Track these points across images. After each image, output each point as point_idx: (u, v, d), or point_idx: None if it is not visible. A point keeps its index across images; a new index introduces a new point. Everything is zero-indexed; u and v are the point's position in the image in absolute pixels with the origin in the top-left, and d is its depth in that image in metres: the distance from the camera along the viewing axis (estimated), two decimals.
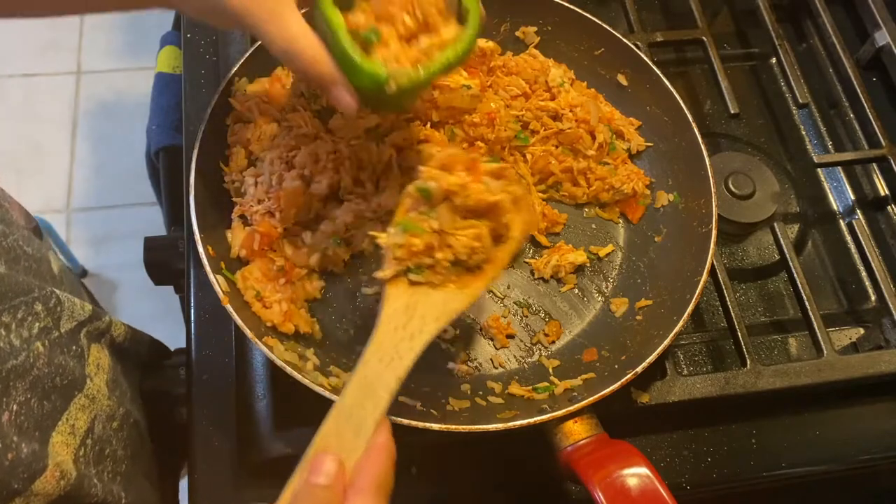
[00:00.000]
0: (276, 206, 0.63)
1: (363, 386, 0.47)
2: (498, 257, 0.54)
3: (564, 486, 0.61)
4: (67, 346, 0.57)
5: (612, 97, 0.73)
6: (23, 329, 0.52)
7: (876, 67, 0.85)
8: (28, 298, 0.54)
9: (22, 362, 0.51)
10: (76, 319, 0.59)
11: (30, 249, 0.61)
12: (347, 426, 0.45)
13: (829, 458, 0.65)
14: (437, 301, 0.51)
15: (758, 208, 0.73)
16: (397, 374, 0.48)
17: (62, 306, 0.57)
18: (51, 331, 0.55)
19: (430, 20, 0.52)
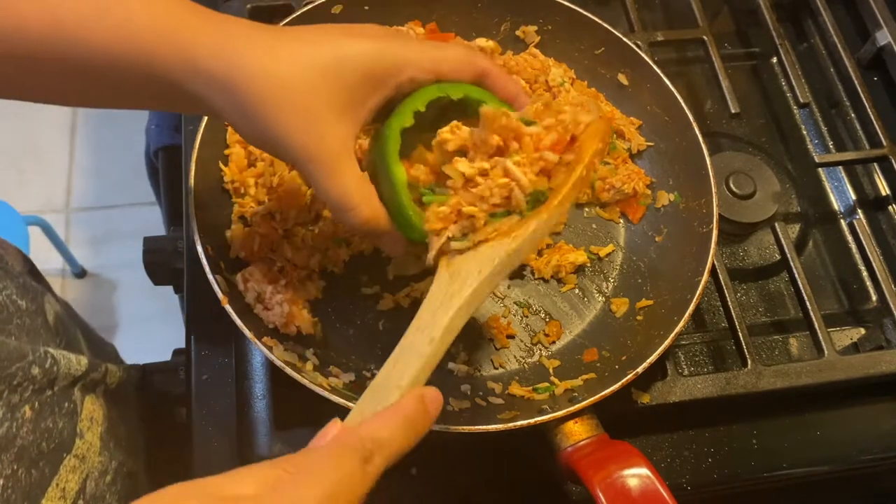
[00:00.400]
0: (277, 208, 0.62)
1: (395, 356, 0.45)
2: (560, 188, 0.48)
3: (565, 487, 0.61)
4: (59, 405, 0.55)
5: (613, 97, 0.73)
6: (14, 395, 0.50)
7: (877, 67, 0.85)
8: (24, 364, 0.51)
9: (4, 433, 0.48)
10: (72, 375, 0.57)
11: (23, 303, 0.59)
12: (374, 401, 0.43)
13: (830, 458, 0.65)
14: (481, 255, 0.47)
15: (758, 208, 0.73)
16: (431, 334, 0.44)
17: (58, 366, 0.55)
18: (43, 390, 0.53)
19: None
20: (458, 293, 0.46)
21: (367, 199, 0.48)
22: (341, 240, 0.63)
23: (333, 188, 0.46)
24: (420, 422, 0.42)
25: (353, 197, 0.47)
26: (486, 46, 0.72)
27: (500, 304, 0.66)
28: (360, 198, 0.47)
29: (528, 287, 0.67)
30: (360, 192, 0.47)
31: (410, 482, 0.61)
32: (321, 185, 0.46)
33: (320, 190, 0.47)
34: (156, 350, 0.84)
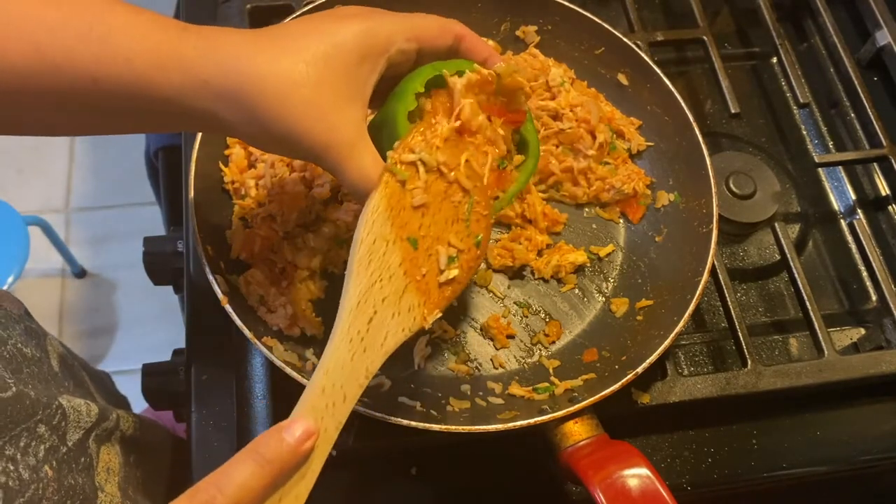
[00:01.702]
0: (278, 210, 0.62)
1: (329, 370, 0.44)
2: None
3: (564, 487, 0.61)
4: (76, 460, 0.55)
5: (613, 97, 0.73)
6: (28, 457, 0.50)
7: (877, 67, 0.85)
8: (30, 424, 0.51)
9: (30, 497, 0.49)
10: (83, 427, 0.57)
11: (28, 351, 0.59)
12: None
13: (830, 458, 0.65)
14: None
15: (758, 208, 0.73)
16: (368, 366, 0.45)
17: (67, 419, 0.55)
18: (58, 448, 0.53)
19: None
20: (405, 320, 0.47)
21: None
22: (342, 240, 0.63)
23: (354, 170, 0.47)
24: (283, 462, 0.40)
25: (374, 180, 0.47)
26: None
27: (500, 304, 0.66)
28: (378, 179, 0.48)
29: (528, 287, 0.67)
30: (379, 170, 0.48)
31: (410, 482, 0.61)
32: (342, 170, 0.47)
33: (342, 175, 0.47)
34: (156, 350, 0.84)
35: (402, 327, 0.47)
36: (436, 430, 0.53)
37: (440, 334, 0.63)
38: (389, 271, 0.47)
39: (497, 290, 0.66)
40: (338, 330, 0.44)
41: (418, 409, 0.57)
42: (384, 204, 0.47)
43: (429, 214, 0.49)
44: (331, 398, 0.42)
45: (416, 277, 0.48)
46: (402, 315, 0.47)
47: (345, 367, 0.44)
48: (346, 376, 0.43)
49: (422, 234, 0.48)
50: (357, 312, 0.45)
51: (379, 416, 0.52)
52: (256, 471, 0.38)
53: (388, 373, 0.60)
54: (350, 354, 0.44)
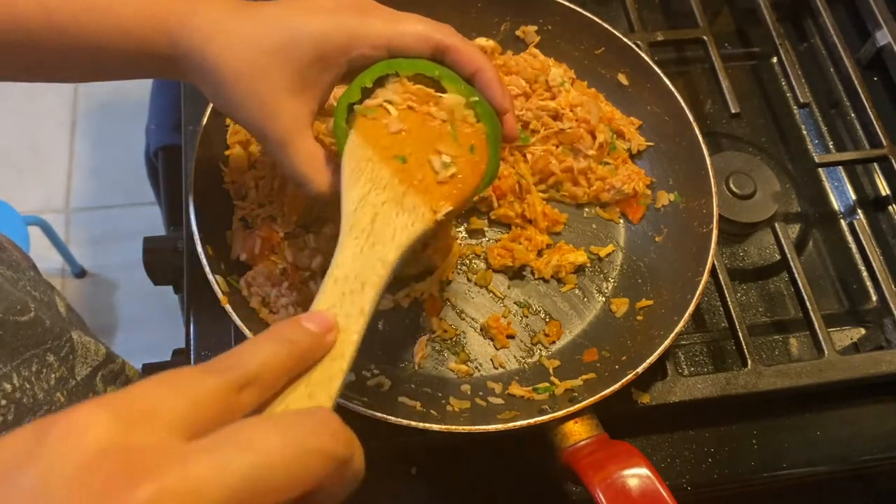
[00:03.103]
0: (278, 210, 0.62)
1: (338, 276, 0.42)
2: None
3: (564, 487, 0.61)
4: (84, 395, 0.56)
5: (613, 97, 0.73)
6: (42, 382, 0.52)
7: (877, 67, 0.85)
8: (39, 350, 0.53)
9: (42, 417, 0.50)
10: (90, 364, 0.58)
11: (37, 294, 0.61)
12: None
13: (830, 458, 0.65)
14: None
15: (759, 208, 0.73)
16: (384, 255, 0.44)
17: (75, 353, 0.56)
18: (67, 380, 0.55)
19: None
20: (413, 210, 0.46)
21: (320, 174, 0.50)
22: None
23: (287, 163, 0.49)
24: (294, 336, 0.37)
25: (305, 171, 0.49)
26: (486, 46, 0.72)
27: (500, 304, 0.66)
28: (313, 172, 0.50)
29: (528, 287, 0.67)
30: (313, 166, 0.49)
31: (410, 482, 0.61)
32: (277, 160, 0.50)
33: (278, 163, 0.50)
34: (156, 350, 0.84)
35: (410, 222, 0.46)
36: (436, 430, 0.53)
37: (440, 334, 0.63)
38: (382, 182, 0.47)
39: (497, 290, 0.66)
40: (342, 234, 0.44)
41: (418, 409, 0.57)
42: (360, 136, 0.48)
43: (411, 138, 0.49)
44: (346, 286, 0.41)
45: (412, 183, 0.47)
46: (407, 213, 0.46)
47: (356, 259, 0.43)
48: (360, 266, 0.42)
49: (408, 153, 0.48)
50: (357, 215, 0.45)
51: (379, 416, 0.52)
52: (278, 349, 0.34)
53: (388, 373, 0.60)
54: (359, 248, 0.43)
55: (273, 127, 0.48)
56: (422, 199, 0.47)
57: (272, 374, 0.33)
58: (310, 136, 0.50)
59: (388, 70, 0.50)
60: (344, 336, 0.39)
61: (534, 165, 0.69)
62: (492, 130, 0.51)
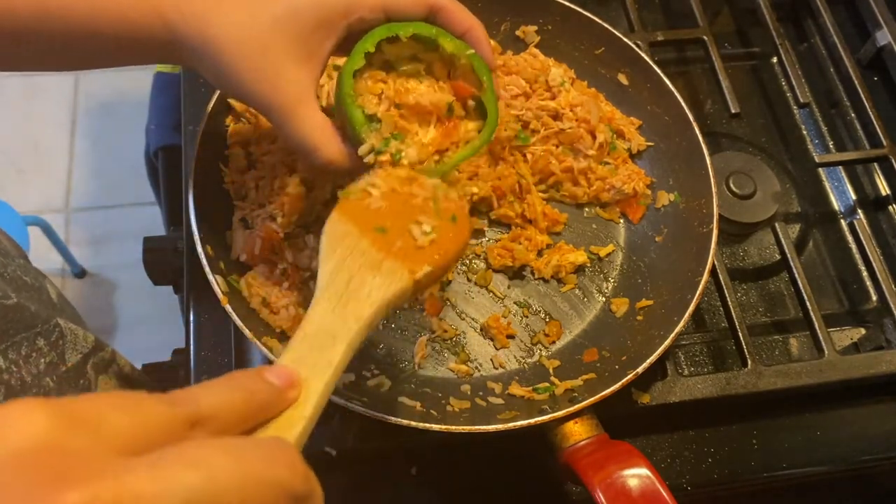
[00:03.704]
0: (279, 211, 0.62)
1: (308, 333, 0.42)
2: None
3: (564, 487, 0.61)
4: (75, 381, 0.56)
5: (613, 97, 0.73)
6: (30, 366, 0.52)
7: (877, 67, 0.85)
8: (29, 334, 0.53)
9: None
10: (80, 351, 0.58)
11: (28, 279, 0.61)
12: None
13: (830, 458, 0.65)
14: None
15: (759, 208, 0.73)
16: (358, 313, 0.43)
17: (64, 339, 0.56)
18: (57, 366, 0.54)
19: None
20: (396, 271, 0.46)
21: (329, 141, 0.50)
22: None
23: (294, 133, 0.49)
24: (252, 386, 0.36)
25: (314, 139, 0.49)
26: None
27: (500, 304, 0.66)
28: (321, 140, 0.50)
29: (528, 287, 0.67)
30: (320, 134, 0.49)
31: (410, 482, 0.61)
32: (283, 130, 0.50)
33: (283, 135, 0.50)
34: (156, 350, 0.84)
35: (387, 282, 0.46)
36: (436, 430, 0.53)
37: (440, 334, 0.63)
38: (360, 249, 0.47)
39: (497, 290, 0.66)
40: (316, 294, 0.44)
41: (418, 409, 0.57)
42: (340, 213, 0.48)
43: (392, 212, 0.49)
44: (315, 341, 0.41)
45: (391, 250, 0.47)
46: (384, 276, 0.46)
47: (325, 317, 0.43)
48: (330, 322, 0.42)
49: (388, 225, 0.49)
50: (332, 278, 0.45)
51: (379, 416, 0.52)
52: (235, 396, 0.33)
53: (388, 373, 0.60)
54: (331, 307, 0.43)
55: (279, 98, 0.48)
56: (400, 264, 0.47)
57: (225, 418, 0.31)
58: (315, 104, 0.50)
59: (387, 33, 0.51)
60: (309, 384, 0.38)
61: (534, 165, 0.69)
62: (489, 81, 0.54)
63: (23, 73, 1.80)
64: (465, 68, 0.54)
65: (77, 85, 1.92)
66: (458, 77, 0.55)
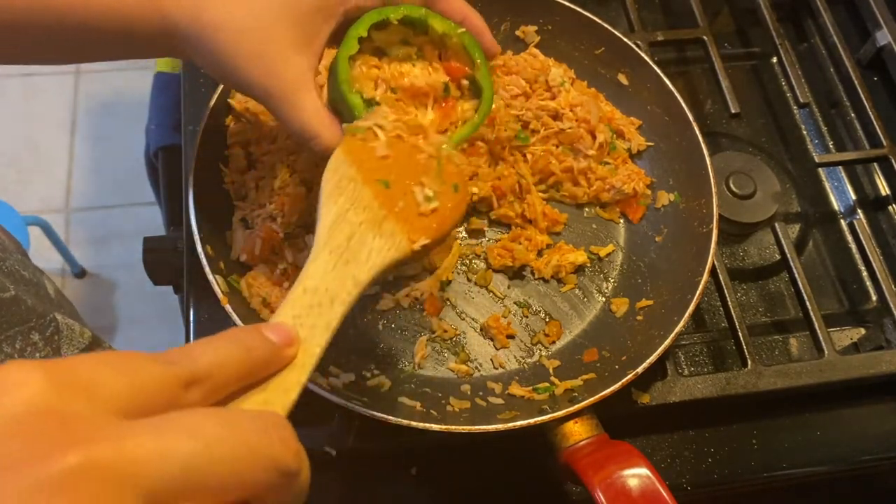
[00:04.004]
0: (279, 211, 0.62)
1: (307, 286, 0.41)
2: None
3: (564, 487, 0.61)
4: None
5: (613, 96, 0.73)
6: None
7: (877, 67, 0.85)
8: (23, 328, 0.53)
9: None
10: (77, 347, 0.58)
11: (27, 274, 0.61)
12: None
13: (830, 458, 0.65)
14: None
15: (759, 208, 0.73)
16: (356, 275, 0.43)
17: (60, 334, 0.56)
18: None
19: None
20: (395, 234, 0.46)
21: (328, 128, 0.50)
22: None
23: (293, 120, 0.49)
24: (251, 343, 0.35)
25: (313, 126, 0.49)
26: None
27: (500, 304, 0.66)
28: (320, 127, 0.49)
29: (528, 287, 0.67)
30: (319, 121, 0.49)
31: (410, 482, 0.61)
32: (282, 117, 0.49)
33: (283, 122, 0.50)
34: (156, 350, 0.84)
35: (387, 247, 0.45)
36: (436, 430, 0.53)
37: (440, 334, 0.63)
38: (363, 202, 0.46)
39: (497, 290, 0.66)
40: (316, 247, 0.43)
41: (418, 409, 0.57)
42: (345, 152, 0.48)
43: (396, 165, 0.49)
44: (315, 298, 0.40)
45: (393, 209, 0.47)
46: (384, 238, 0.46)
47: (327, 274, 0.42)
48: (331, 281, 0.42)
49: (392, 179, 0.48)
50: (333, 231, 0.44)
51: (379, 416, 0.52)
52: (233, 353, 0.32)
53: (388, 373, 0.60)
54: (332, 264, 0.42)
55: (277, 84, 0.48)
56: (400, 228, 0.47)
57: (222, 377, 0.31)
58: (314, 91, 0.50)
59: (378, 17, 0.52)
60: (306, 347, 0.37)
61: (534, 165, 0.69)
62: (482, 60, 0.55)
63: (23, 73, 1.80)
64: (457, 48, 0.54)
65: (77, 85, 1.92)
66: (449, 58, 0.55)
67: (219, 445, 0.26)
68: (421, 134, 0.52)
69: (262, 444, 0.27)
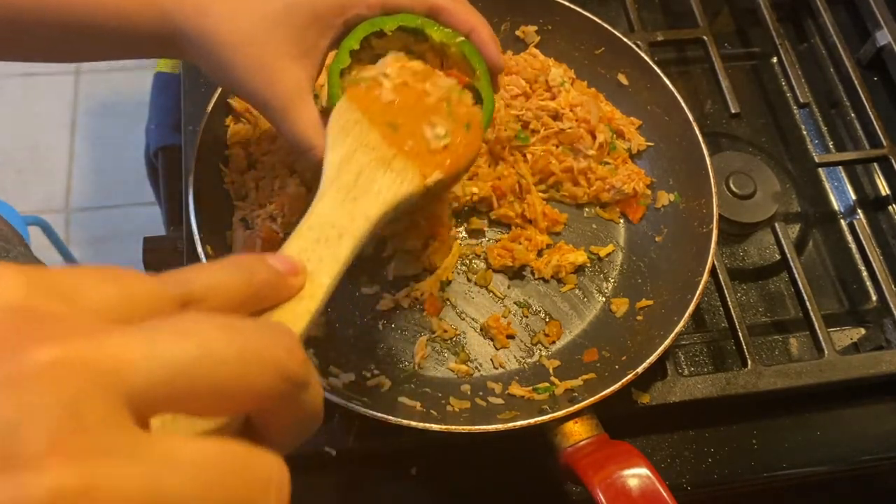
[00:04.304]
0: (279, 211, 0.62)
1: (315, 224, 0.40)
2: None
3: (564, 487, 0.61)
4: None
5: (613, 96, 0.73)
6: None
7: (877, 67, 0.85)
8: None
9: None
10: None
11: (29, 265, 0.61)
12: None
13: (830, 458, 0.65)
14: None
15: (758, 208, 0.73)
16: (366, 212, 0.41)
17: None
18: None
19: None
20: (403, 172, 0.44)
21: (323, 139, 0.50)
22: None
23: (289, 130, 0.49)
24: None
25: (310, 138, 0.49)
26: None
27: (500, 304, 0.66)
28: (317, 137, 0.49)
29: (528, 287, 0.67)
30: (315, 132, 0.49)
31: (410, 482, 0.61)
32: (279, 127, 0.50)
33: (280, 130, 0.50)
34: None
35: (399, 181, 0.44)
36: (436, 430, 0.53)
37: (440, 334, 0.63)
38: (370, 143, 0.45)
39: (497, 290, 0.66)
40: (323, 185, 0.42)
41: (418, 409, 0.57)
42: (350, 99, 0.47)
43: (404, 109, 0.48)
44: (321, 233, 0.39)
45: (402, 148, 0.46)
46: (395, 173, 0.44)
47: (335, 210, 0.40)
48: (338, 216, 0.40)
49: (400, 122, 0.47)
50: (341, 170, 0.43)
51: (379, 416, 0.52)
52: (233, 275, 0.30)
53: (388, 373, 0.60)
54: (339, 200, 0.41)
55: (275, 93, 0.48)
56: (412, 163, 0.45)
57: (221, 300, 0.29)
58: (311, 101, 0.50)
59: (371, 28, 0.51)
60: (314, 279, 0.35)
61: (534, 165, 0.69)
62: (482, 70, 0.53)
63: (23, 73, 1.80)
64: (457, 56, 0.54)
65: (77, 85, 1.92)
66: (451, 66, 0.55)
67: (219, 347, 0.23)
68: (429, 79, 0.50)
69: (266, 351, 0.24)
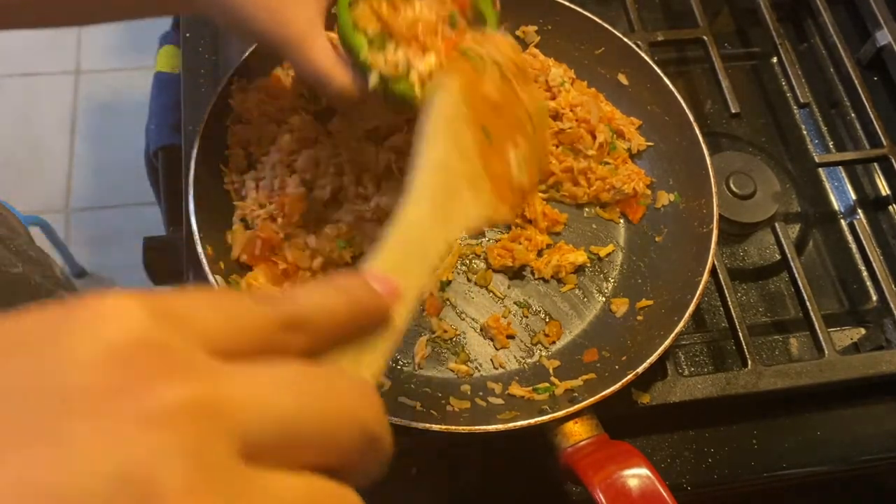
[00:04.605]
0: (279, 212, 0.62)
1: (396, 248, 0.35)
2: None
3: (564, 487, 0.61)
4: None
5: (613, 96, 0.73)
6: None
7: (877, 67, 0.85)
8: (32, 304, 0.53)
9: None
10: None
11: (34, 254, 0.62)
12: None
13: (830, 458, 0.65)
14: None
15: (759, 208, 0.73)
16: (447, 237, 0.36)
17: None
18: None
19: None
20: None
21: (342, 70, 0.51)
22: (344, 242, 0.63)
23: (307, 65, 0.50)
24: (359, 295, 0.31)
25: (328, 69, 0.50)
26: None
27: (500, 304, 0.66)
28: (334, 69, 0.51)
29: (528, 287, 0.67)
30: (332, 64, 0.51)
31: (410, 482, 0.61)
32: (296, 63, 0.51)
33: (297, 69, 0.52)
34: None
35: (477, 209, 0.40)
36: (436, 430, 0.53)
37: (440, 334, 0.63)
38: (464, 149, 0.42)
39: (497, 290, 0.66)
40: (416, 190, 0.37)
41: (418, 409, 0.57)
42: (457, 77, 0.46)
43: (499, 114, 0.47)
44: (411, 253, 0.34)
45: (489, 168, 0.43)
46: (479, 195, 0.41)
47: (423, 224, 0.36)
48: (426, 233, 0.35)
49: (493, 128, 0.46)
50: (434, 175, 0.39)
51: None
52: (337, 298, 0.29)
53: (388, 373, 0.60)
54: (431, 211, 0.36)
55: (289, 31, 0.49)
56: (491, 191, 0.42)
57: (325, 324, 0.28)
58: (323, 35, 0.51)
59: None
60: (399, 308, 0.32)
61: None
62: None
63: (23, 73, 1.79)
64: None
65: (77, 85, 1.92)
66: None
67: (314, 402, 0.24)
68: (527, 88, 0.49)
69: (353, 407, 0.26)
